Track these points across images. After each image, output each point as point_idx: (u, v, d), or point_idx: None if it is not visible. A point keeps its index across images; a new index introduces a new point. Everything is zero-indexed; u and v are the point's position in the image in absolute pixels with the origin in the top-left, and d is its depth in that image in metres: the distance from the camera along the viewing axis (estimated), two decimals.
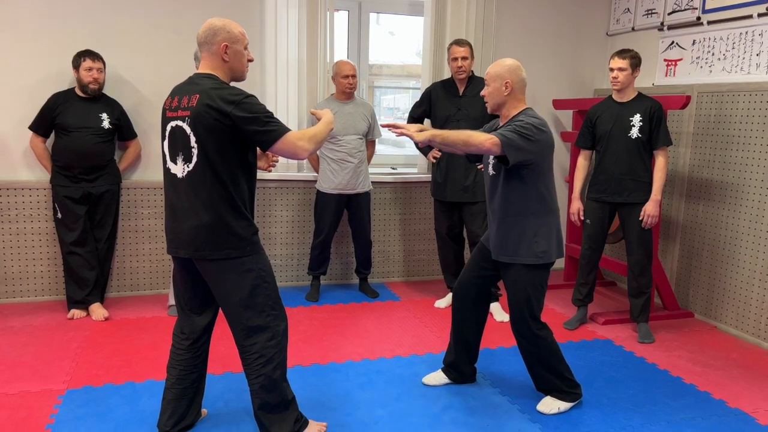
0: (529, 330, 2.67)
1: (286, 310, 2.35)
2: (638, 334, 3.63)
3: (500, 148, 2.44)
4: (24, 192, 3.88)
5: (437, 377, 2.99)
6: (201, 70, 2.22)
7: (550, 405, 2.73)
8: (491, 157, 2.64)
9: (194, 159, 2.13)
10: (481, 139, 2.44)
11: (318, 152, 4.04)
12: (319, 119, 2.35)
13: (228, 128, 2.10)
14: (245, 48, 2.24)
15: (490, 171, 2.67)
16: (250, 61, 2.28)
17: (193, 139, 2.12)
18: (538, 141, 2.50)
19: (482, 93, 2.67)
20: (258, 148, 2.27)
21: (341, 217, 4.16)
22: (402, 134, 2.46)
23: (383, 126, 2.61)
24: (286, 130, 2.15)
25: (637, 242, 3.56)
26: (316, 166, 4.16)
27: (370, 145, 4.21)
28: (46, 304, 3.93)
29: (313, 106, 4.15)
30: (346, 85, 3.92)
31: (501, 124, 2.66)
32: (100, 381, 2.90)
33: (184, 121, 2.13)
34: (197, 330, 2.38)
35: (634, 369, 3.21)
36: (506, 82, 2.57)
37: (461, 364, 2.95)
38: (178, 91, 2.21)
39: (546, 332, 2.70)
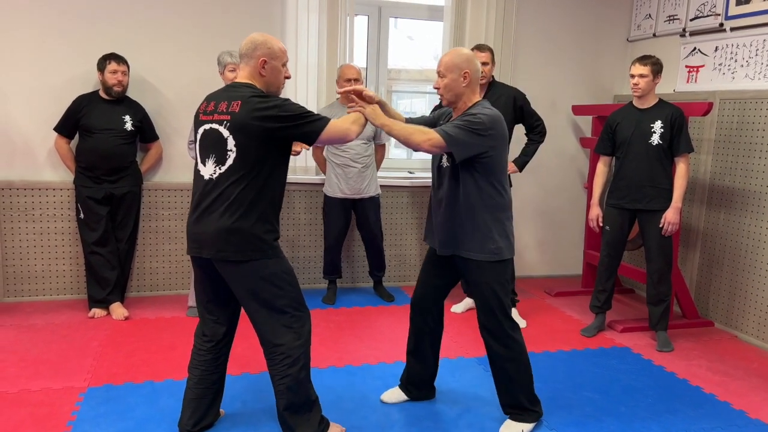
0: (502, 330, 2.52)
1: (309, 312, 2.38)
2: (657, 342, 3.60)
3: (443, 149, 2.34)
4: (48, 192, 3.95)
5: (395, 394, 2.86)
6: (239, 80, 2.29)
7: (513, 429, 2.60)
8: None
9: (228, 162, 2.18)
10: (421, 139, 2.34)
11: (325, 155, 4.07)
12: (360, 92, 2.44)
13: (271, 134, 2.16)
14: (284, 65, 2.31)
15: (444, 162, 2.52)
16: (287, 78, 2.35)
17: (231, 143, 2.17)
18: (490, 135, 2.39)
19: (435, 85, 2.50)
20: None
21: (350, 222, 4.15)
22: (363, 102, 2.42)
23: (339, 92, 2.52)
24: (327, 119, 2.24)
25: (657, 250, 3.53)
26: (323, 167, 4.17)
27: (380, 148, 4.17)
28: (67, 303, 3.99)
29: None
30: None
31: (454, 117, 2.51)
32: (120, 379, 2.94)
33: (221, 125, 2.18)
34: (219, 332, 2.42)
35: (652, 377, 3.19)
36: (465, 73, 2.43)
37: (419, 377, 2.82)
38: (215, 97, 2.27)
39: (518, 335, 2.56)
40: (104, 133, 3.70)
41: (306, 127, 2.20)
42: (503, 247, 2.49)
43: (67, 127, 3.76)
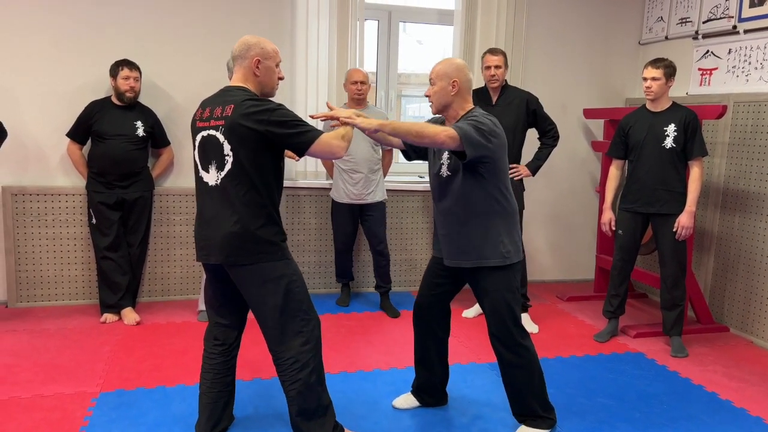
0: (512, 339, 2.49)
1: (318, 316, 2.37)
2: (671, 347, 3.56)
3: (457, 142, 2.27)
4: (60, 197, 3.97)
5: (407, 400, 2.84)
6: (233, 83, 2.29)
7: None
8: (445, 157, 2.49)
9: (227, 167, 2.18)
10: (437, 130, 2.27)
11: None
12: (336, 118, 2.34)
13: (262, 137, 2.15)
14: (277, 65, 2.31)
15: (445, 172, 2.49)
16: (281, 79, 2.34)
17: (227, 147, 2.17)
18: (495, 138, 2.37)
19: (426, 93, 2.52)
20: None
21: (357, 226, 4.12)
22: (345, 123, 2.30)
23: (312, 117, 2.44)
24: (319, 133, 2.22)
25: (671, 254, 3.49)
26: (330, 172, 4.16)
27: (387, 153, 4.14)
28: (79, 308, 4.00)
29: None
30: (354, 91, 3.84)
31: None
32: (132, 384, 2.94)
33: (217, 130, 2.19)
34: (231, 336, 2.43)
35: (667, 383, 3.15)
36: (453, 81, 2.44)
37: (430, 385, 2.80)
38: (210, 103, 2.27)
39: (529, 342, 2.53)
40: (116, 139, 3.72)
41: (297, 137, 2.17)
42: (511, 251, 2.47)
43: (79, 132, 3.78)
